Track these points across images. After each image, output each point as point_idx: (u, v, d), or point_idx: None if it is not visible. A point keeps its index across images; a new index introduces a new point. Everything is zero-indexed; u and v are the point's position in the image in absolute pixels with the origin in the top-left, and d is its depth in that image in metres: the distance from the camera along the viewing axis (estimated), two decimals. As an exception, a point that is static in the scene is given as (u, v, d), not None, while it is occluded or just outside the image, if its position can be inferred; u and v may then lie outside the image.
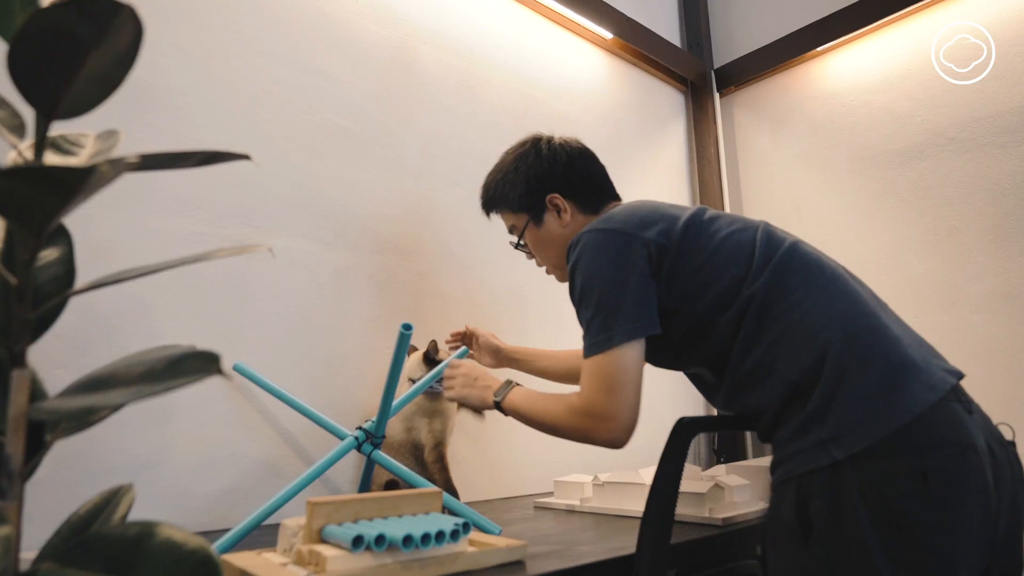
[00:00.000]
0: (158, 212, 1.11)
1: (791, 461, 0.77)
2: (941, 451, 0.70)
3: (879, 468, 0.70)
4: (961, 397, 0.76)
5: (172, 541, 0.53)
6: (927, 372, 0.75)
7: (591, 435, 0.85)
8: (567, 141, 1.10)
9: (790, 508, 0.75)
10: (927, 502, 0.68)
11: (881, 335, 0.77)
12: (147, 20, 1.22)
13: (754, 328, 0.82)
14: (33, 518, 0.69)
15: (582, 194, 1.06)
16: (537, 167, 1.06)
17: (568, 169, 1.06)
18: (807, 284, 0.83)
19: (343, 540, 0.68)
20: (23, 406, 0.53)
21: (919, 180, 1.75)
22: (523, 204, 1.07)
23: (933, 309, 1.68)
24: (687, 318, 0.87)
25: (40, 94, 0.52)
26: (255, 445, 1.14)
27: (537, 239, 1.09)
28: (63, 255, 0.63)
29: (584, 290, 0.87)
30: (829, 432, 0.73)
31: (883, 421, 0.71)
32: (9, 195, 0.44)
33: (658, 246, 0.86)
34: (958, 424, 0.72)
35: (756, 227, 0.91)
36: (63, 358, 0.99)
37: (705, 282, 0.85)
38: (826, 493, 0.72)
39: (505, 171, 1.09)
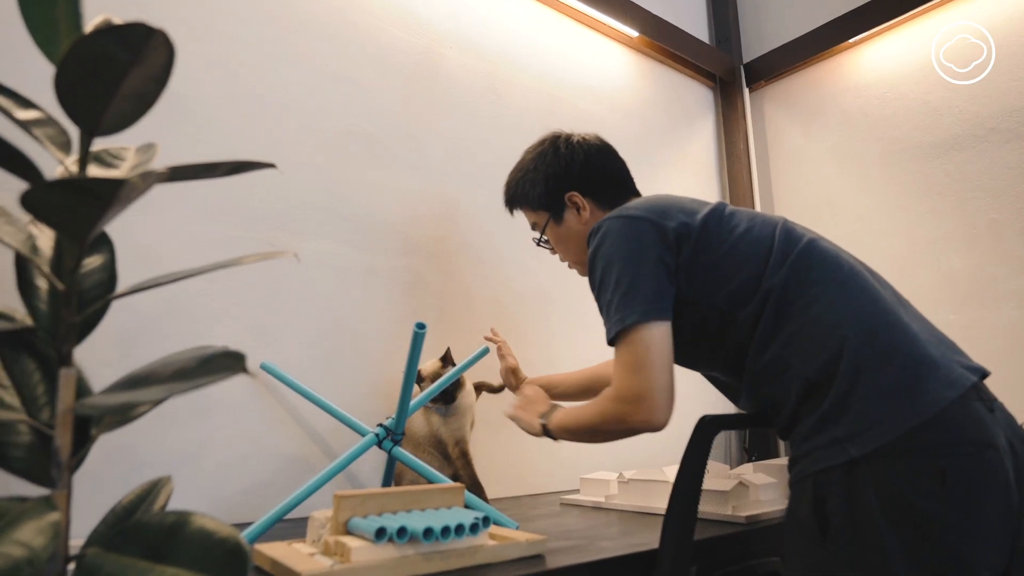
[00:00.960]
0: (196, 218, 1.16)
1: (807, 458, 0.77)
2: (960, 449, 0.69)
3: (896, 467, 0.69)
4: (983, 395, 0.75)
5: (205, 529, 0.57)
6: (947, 369, 0.74)
7: (627, 421, 0.83)
8: (585, 138, 1.11)
9: (807, 506, 0.75)
10: (946, 501, 0.67)
11: (899, 332, 0.76)
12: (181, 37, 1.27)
13: (772, 323, 0.82)
14: (85, 508, 0.75)
15: (600, 191, 1.07)
16: (555, 166, 1.07)
17: (586, 167, 1.07)
18: (825, 280, 0.82)
19: (367, 532, 0.71)
20: (70, 402, 0.57)
21: (957, 172, 1.71)
22: (543, 202, 1.09)
23: (972, 305, 1.63)
24: (705, 310, 0.87)
25: (83, 113, 0.56)
26: (286, 442, 1.19)
27: (558, 236, 1.11)
28: (106, 262, 0.68)
29: (604, 273, 0.88)
30: (845, 430, 0.73)
31: (900, 419, 0.70)
32: (51, 205, 0.48)
33: (677, 235, 0.87)
34: (978, 422, 0.71)
35: (775, 223, 0.91)
36: (110, 357, 1.04)
37: (724, 275, 0.86)
38: (842, 491, 0.71)
39: (525, 170, 1.12)
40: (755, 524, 1.01)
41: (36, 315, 0.61)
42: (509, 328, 1.57)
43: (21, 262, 0.63)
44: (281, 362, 1.19)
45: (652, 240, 0.86)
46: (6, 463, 0.63)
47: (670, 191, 2.01)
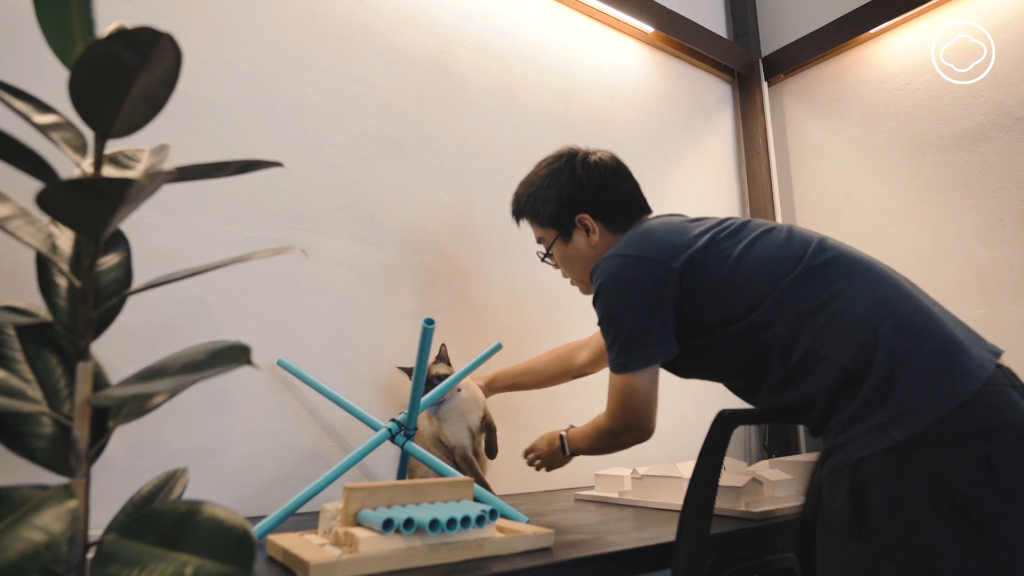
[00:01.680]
0: (215, 218, 1.19)
1: (846, 448, 0.76)
2: (1003, 435, 0.69)
3: (940, 454, 0.69)
4: (1015, 382, 0.75)
5: (216, 518, 0.59)
6: (974, 351, 0.75)
7: (622, 444, 1.02)
8: (602, 159, 1.10)
9: (844, 496, 0.74)
10: (993, 489, 0.67)
11: (927, 317, 0.77)
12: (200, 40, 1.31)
13: (794, 325, 0.83)
14: (110, 498, 0.77)
15: (612, 214, 1.07)
16: (570, 186, 1.07)
17: (601, 190, 1.06)
18: (844, 276, 0.83)
19: (375, 523, 0.72)
20: (87, 394, 0.60)
21: (983, 163, 1.66)
22: (553, 221, 1.09)
23: (1000, 299, 1.59)
24: (717, 329, 0.89)
25: (96, 116, 0.58)
26: (304, 436, 1.21)
27: (564, 255, 1.11)
28: (122, 260, 0.70)
29: (605, 316, 0.94)
30: (888, 414, 0.72)
31: (940, 401, 0.70)
32: (64, 204, 0.50)
33: (676, 268, 0.89)
34: (1017, 409, 0.71)
35: (781, 229, 0.92)
36: (134, 355, 1.07)
37: (733, 292, 0.87)
38: (884, 480, 0.71)
39: (537, 185, 1.11)
40: (769, 520, 1.00)
41: (55, 311, 0.64)
42: (524, 324, 1.58)
43: (42, 261, 0.66)
44: (298, 358, 1.22)
45: (649, 282, 0.89)
46: (30, 453, 0.65)
47: (688, 188, 2.02)
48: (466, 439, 1.20)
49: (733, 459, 1.33)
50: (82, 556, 0.59)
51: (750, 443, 1.96)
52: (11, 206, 0.63)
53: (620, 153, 1.19)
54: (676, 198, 1.99)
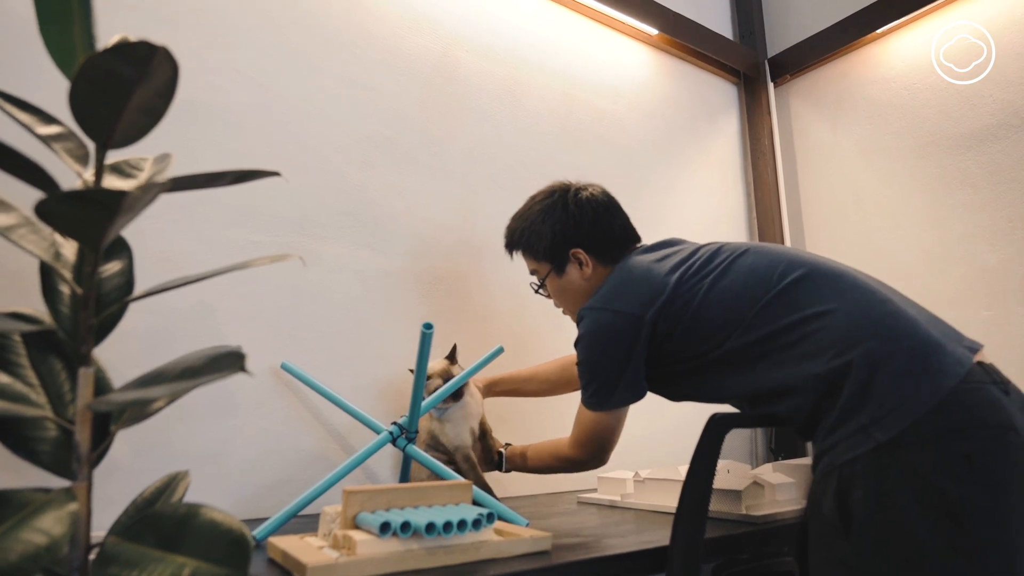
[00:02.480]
0: (219, 223, 1.20)
1: (832, 451, 0.77)
2: (982, 432, 0.70)
3: (922, 454, 0.70)
4: (996, 377, 0.76)
5: (213, 521, 0.60)
6: (951, 347, 0.76)
7: (578, 470, 1.14)
8: (593, 195, 1.13)
9: (831, 499, 0.75)
10: (974, 486, 0.68)
11: (900, 319, 0.79)
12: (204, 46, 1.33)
13: (770, 345, 0.86)
14: (115, 500, 0.79)
15: (604, 248, 1.11)
16: (564, 222, 1.10)
17: (594, 226, 1.10)
18: (814, 291, 0.86)
19: (372, 526, 0.73)
20: (87, 399, 0.61)
21: (991, 164, 1.65)
22: (547, 255, 1.12)
23: (1008, 301, 1.58)
24: (700, 356, 0.93)
25: (96, 127, 0.59)
26: (307, 439, 1.22)
27: (558, 287, 1.14)
28: (124, 267, 0.71)
29: (583, 363, 1.02)
30: (869, 416, 0.74)
31: (919, 399, 0.71)
32: (62, 215, 0.51)
33: (651, 318, 0.94)
34: (997, 405, 0.72)
35: (749, 253, 0.95)
36: (138, 358, 1.09)
37: (706, 324, 0.91)
38: (868, 481, 0.72)
39: (532, 220, 1.14)
40: (770, 523, 1.00)
41: (58, 318, 0.65)
42: (526, 328, 1.58)
43: (45, 268, 0.67)
44: (302, 362, 1.23)
45: (622, 335, 0.96)
46: (34, 457, 0.67)
47: (693, 190, 2.01)
48: (468, 440, 1.21)
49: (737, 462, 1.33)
50: (84, 558, 0.60)
51: (756, 446, 1.95)
52: (15, 215, 0.64)
53: (624, 156, 1.20)
54: (681, 201, 1.99)
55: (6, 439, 0.65)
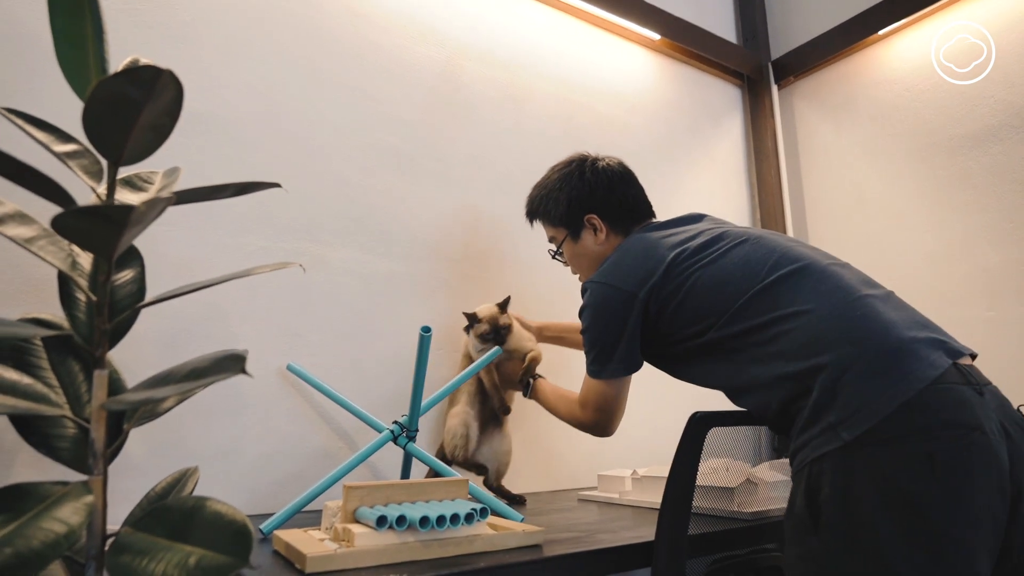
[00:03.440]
0: (230, 231, 1.25)
1: (804, 450, 0.80)
2: (946, 432, 0.71)
3: (886, 452, 0.72)
4: (971, 379, 0.77)
5: (218, 512, 0.64)
6: (924, 352, 0.77)
7: (585, 431, 1.16)
8: (610, 165, 1.19)
9: (801, 496, 0.77)
10: (936, 483, 0.69)
11: (875, 322, 0.80)
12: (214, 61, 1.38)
13: (747, 339, 0.88)
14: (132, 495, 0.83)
15: (618, 216, 1.16)
16: (579, 189, 1.16)
17: (608, 193, 1.15)
18: (795, 290, 0.88)
19: (370, 520, 0.77)
20: (102, 399, 0.65)
21: (993, 164, 1.65)
22: (563, 221, 1.18)
23: (1009, 301, 1.58)
24: (688, 340, 0.96)
25: (107, 145, 0.64)
26: (314, 437, 1.27)
27: (573, 252, 1.20)
28: (136, 275, 0.76)
29: (584, 332, 1.07)
30: (836, 416, 0.76)
31: (884, 400, 0.73)
32: (76, 228, 0.56)
33: (644, 297, 0.99)
34: (965, 405, 0.73)
35: (746, 242, 0.97)
36: (153, 359, 1.14)
37: (691, 310, 0.95)
38: (835, 478, 0.74)
39: (549, 188, 1.20)
40: (760, 520, 1.02)
41: (75, 323, 0.70)
42: (530, 329, 1.61)
43: (63, 277, 0.72)
44: (309, 363, 1.27)
45: (617, 310, 1.00)
46: (54, 453, 0.72)
47: (698, 193, 2.04)
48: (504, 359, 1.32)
49: (737, 460, 1.35)
50: (100, 546, 0.65)
51: (760, 444, 1.96)
52: (36, 228, 0.69)
53: (628, 160, 1.24)
54: (685, 204, 2.01)
55: (28, 436, 0.70)
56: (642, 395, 1.77)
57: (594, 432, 1.15)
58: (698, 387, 1.28)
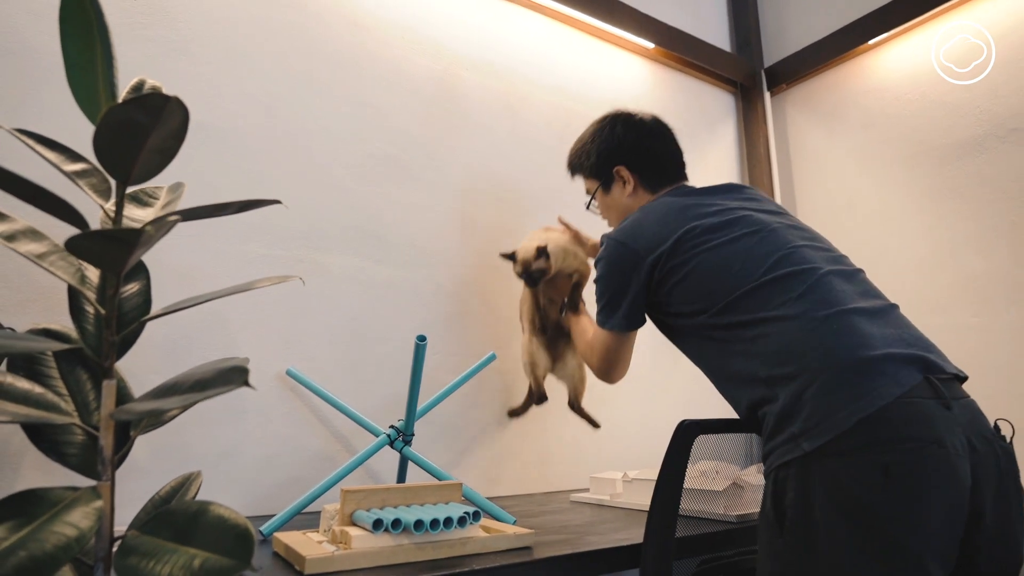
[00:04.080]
0: (231, 238, 1.28)
1: (771, 455, 0.83)
2: (903, 445, 0.73)
3: (843, 463, 0.75)
4: (940, 392, 0.78)
5: (221, 516, 0.67)
6: (895, 367, 0.78)
7: (592, 371, 1.23)
8: (643, 119, 1.22)
9: (769, 499, 0.81)
10: (888, 494, 0.72)
11: (849, 336, 0.81)
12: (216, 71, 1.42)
13: (731, 334, 0.91)
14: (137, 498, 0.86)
15: (646, 170, 1.19)
16: (608, 142, 1.21)
17: (636, 146, 1.19)
18: (786, 292, 0.88)
19: (367, 523, 0.80)
20: (111, 408, 0.69)
21: (978, 173, 1.69)
22: (595, 172, 1.24)
23: (994, 308, 1.61)
24: (683, 317, 0.99)
25: (117, 167, 0.67)
26: (314, 440, 1.30)
27: (604, 203, 1.25)
28: (142, 288, 0.79)
29: (596, 281, 1.11)
30: (799, 427, 0.79)
31: (847, 414, 0.75)
32: (89, 249, 0.59)
33: (650, 264, 1.01)
34: (925, 419, 0.75)
35: (757, 234, 0.96)
36: (158, 366, 1.17)
37: (690, 291, 0.97)
38: (797, 486, 0.77)
39: (584, 142, 1.26)
40: (746, 523, 1.06)
41: (84, 335, 0.73)
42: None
43: (73, 291, 0.75)
44: (309, 368, 1.30)
45: (626, 269, 1.03)
46: (64, 459, 0.75)
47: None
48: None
49: (726, 464, 1.38)
50: (108, 549, 0.68)
51: (751, 447, 1.99)
52: (47, 243, 0.72)
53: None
54: (678, 208, 2.04)
55: (39, 443, 0.73)
56: (634, 398, 1.81)
57: (597, 376, 1.21)
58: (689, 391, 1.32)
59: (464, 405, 1.48)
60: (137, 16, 1.24)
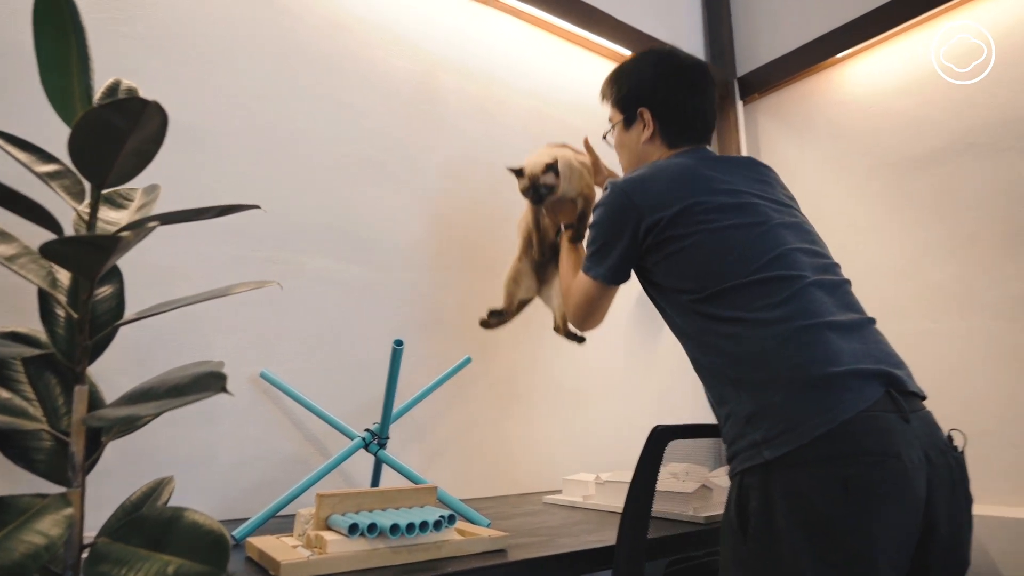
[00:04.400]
0: (206, 238, 1.26)
1: (735, 460, 0.85)
2: (862, 459, 0.76)
3: (804, 474, 0.77)
4: (900, 406, 0.80)
5: (195, 523, 0.67)
6: (860, 382, 0.80)
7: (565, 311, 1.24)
8: (686, 68, 1.15)
9: (733, 507, 0.83)
10: (847, 507, 0.74)
11: (818, 350, 0.82)
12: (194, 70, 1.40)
13: (711, 330, 0.91)
14: (106, 503, 0.85)
15: (670, 123, 1.13)
16: (642, 81, 1.15)
17: (669, 96, 1.13)
18: (769, 297, 0.88)
19: (342, 527, 0.80)
20: (82, 414, 0.68)
21: (939, 185, 1.75)
22: (621, 104, 1.19)
23: (951, 316, 1.68)
24: (663, 288, 1.00)
25: (92, 170, 0.66)
26: (287, 443, 1.29)
27: (621, 140, 1.21)
28: (115, 291, 0.78)
29: (590, 227, 1.09)
30: (761, 435, 0.81)
31: (809, 427, 0.77)
32: (65, 255, 0.58)
33: (648, 225, 0.99)
34: (885, 433, 0.77)
35: (756, 228, 0.94)
36: (127, 367, 1.15)
37: (675, 271, 0.97)
38: (759, 494, 0.79)
39: (623, 70, 1.20)
40: (714, 524, 1.08)
41: (55, 339, 0.72)
42: (498, 338, 1.66)
43: (43, 294, 0.74)
44: (284, 370, 1.30)
45: (623, 220, 1.01)
46: (31, 466, 0.74)
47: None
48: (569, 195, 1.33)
49: (696, 465, 1.41)
50: (77, 557, 0.67)
51: (720, 449, 2.04)
52: (16, 245, 0.70)
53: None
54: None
55: (6, 450, 0.72)
56: (606, 401, 1.83)
57: (570, 319, 1.19)
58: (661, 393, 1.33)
59: (438, 407, 1.49)
60: (113, 12, 1.21)
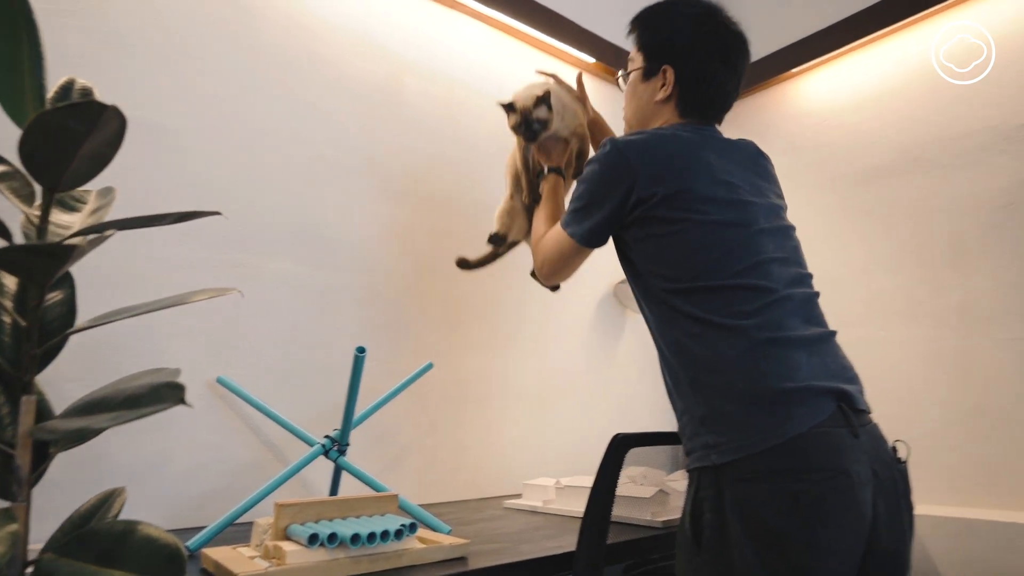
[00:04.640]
0: (161, 240, 1.23)
1: (691, 456, 0.88)
2: (812, 476, 0.78)
3: (755, 489, 0.79)
4: (851, 421, 0.82)
5: (150, 536, 0.65)
6: (815, 398, 0.82)
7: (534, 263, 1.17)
8: (726, 36, 1.05)
9: (687, 518, 0.85)
10: (797, 521, 0.77)
11: (777, 364, 0.83)
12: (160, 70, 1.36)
13: (679, 326, 0.91)
14: (48, 515, 0.82)
15: (688, 88, 1.05)
16: (677, 34, 1.05)
17: (698, 61, 1.04)
18: (742, 304, 0.87)
19: (302, 537, 0.79)
20: (29, 426, 0.65)
21: (885, 199, 1.82)
22: (646, 50, 1.09)
23: (897, 324, 1.75)
24: (638, 268, 0.98)
25: (45, 173, 0.64)
26: (243, 450, 1.27)
27: (634, 88, 1.12)
28: (66, 297, 0.76)
29: (579, 181, 1.04)
30: (713, 438, 0.83)
31: (758, 439, 0.80)
32: (15, 263, 0.56)
33: (641, 192, 0.94)
34: (835, 450, 0.80)
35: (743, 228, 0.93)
36: (74, 372, 1.11)
37: (649, 256, 0.95)
38: (712, 506, 0.81)
39: (661, 12, 1.09)
40: (671, 529, 1.11)
41: (1, 347, 0.69)
42: (461, 343, 1.66)
43: (-12, 299, 0.71)
44: (241, 375, 1.27)
45: (621, 182, 0.95)
46: (-27, 478, 0.70)
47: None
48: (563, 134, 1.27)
49: (653, 469, 1.44)
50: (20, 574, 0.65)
51: (677, 454, 2.08)
52: (-40, 249, 0.68)
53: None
54: (614, 220, 2.11)
55: (-54, 461, 0.69)
56: (567, 406, 1.85)
57: (538, 272, 1.15)
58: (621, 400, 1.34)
59: (399, 413, 1.48)
60: (64, 3, 1.17)
